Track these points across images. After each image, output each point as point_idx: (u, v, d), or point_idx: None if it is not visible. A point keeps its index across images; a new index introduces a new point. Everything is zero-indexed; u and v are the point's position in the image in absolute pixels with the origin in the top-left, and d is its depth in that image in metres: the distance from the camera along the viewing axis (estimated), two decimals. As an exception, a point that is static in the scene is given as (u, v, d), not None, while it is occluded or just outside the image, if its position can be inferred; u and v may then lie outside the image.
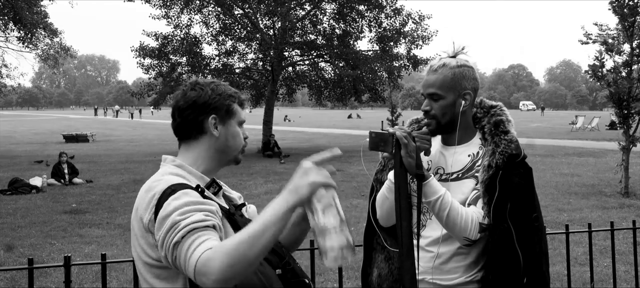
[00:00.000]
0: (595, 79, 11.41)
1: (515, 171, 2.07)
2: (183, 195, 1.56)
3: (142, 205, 1.62)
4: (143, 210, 1.61)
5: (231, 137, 1.80)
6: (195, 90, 1.77)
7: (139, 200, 1.66)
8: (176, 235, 1.48)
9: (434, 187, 2.04)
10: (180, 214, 1.51)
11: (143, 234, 1.62)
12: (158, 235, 1.53)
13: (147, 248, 1.62)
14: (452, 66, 2.13)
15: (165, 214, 1.53)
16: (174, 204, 1.53)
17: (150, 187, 1.64)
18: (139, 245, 1.65)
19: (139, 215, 1.63)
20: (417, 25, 22.78)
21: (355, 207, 10.07)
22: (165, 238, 1.50)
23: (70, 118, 71.43)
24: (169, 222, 1.50)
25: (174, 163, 1.76)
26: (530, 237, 2.07)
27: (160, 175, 1.71)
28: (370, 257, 2.37)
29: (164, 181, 1.64)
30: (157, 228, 1.54)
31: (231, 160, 1.85)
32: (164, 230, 1.51)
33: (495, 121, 2.17)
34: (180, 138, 1.81)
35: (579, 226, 8.00)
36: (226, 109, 1.78)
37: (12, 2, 22.48)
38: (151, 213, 1.58)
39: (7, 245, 7.56)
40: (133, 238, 1.69)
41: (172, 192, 1.57)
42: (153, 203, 1.58)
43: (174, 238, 1.48)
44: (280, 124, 44.62)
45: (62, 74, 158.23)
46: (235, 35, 23.74)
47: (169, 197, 1.56)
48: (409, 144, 1.99)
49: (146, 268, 1.64)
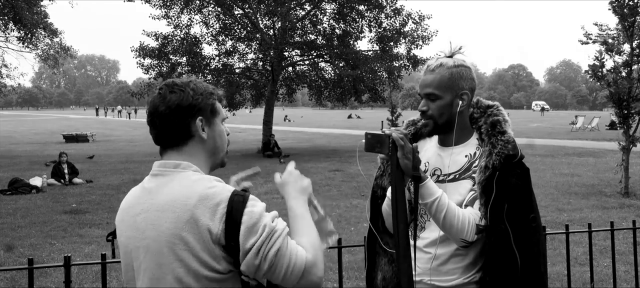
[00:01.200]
0: (595, 79, 11.41)
1: (513, 172, 2.06)
2: (255, 201, 1.55)
3: (205, 215, 1.50)
4: (209, 221, 1.49)
5: (218, 137, 1.72)
6: (175, 92, 1.63)
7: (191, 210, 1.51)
8: (277, 242, 1.51)
9: (430, 189, 2.03)
10: (271, 220, 1.54)
11: (207, 246, 1.50)
12: (248, 244, 1.49)
13: (211, 261, 1.51)
14: (449, 66, 2.12)
15: (254, 222, 1.50)
16: (258, 211, 1.53)
17: (207, 196, 1.52)
18: (195, 258, 1.51)
19: (202, 226, 1.50)
20: (417, 25, 22.77)
21: (355, 207, 10.07)
22: (263, 246, 1.49)
23: (70, 118, 71.45)
24: (265, 230, 1.50)
25: (193, 169, 1.63)
26: (527, 237, 2.06)
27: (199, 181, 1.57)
28: (374, 261, 2.37)
29: (219, 187, 1.55)
30: (247, 237, 1.49)
31: (218, 164, 1.75)
32: (262, 239, 1.49)
33: (492, 121, 2.16)
34: (165, 146, 1.67)
35: (579, 226, 8.00)
36: (211, 109, 1.68)
37: (12, 2, 22.48)
38: (222, 223, 1.49)
39: (7, 245, 7.57)
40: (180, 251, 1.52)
41: (245, 199, 1.52)
42: (222, 212, 1.50)
43: (275, 246, 1.50)
44: (280, 124, 44.63)
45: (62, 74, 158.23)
46: (235, 35, 23.74)
47: (246, 205, 1.51)
48: (405, 145, 1.98)
49: (201, 281, 1.53)
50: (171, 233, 1.53)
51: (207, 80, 22.80)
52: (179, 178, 1.60)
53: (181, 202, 1.53)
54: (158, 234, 1.55)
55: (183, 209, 1.52)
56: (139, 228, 1.61)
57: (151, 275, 1.57)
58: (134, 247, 1.63)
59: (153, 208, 1.59)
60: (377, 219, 2.35)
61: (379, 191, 2.35)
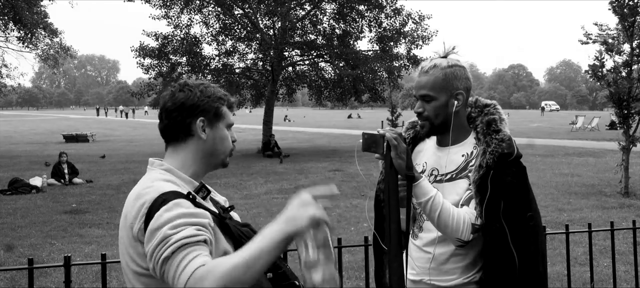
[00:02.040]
0: (595, 79, 11.41)
1: (508, 170, 2.05)
2: (175, 206, 1.52)
3: (131, 213, 1.58)
4: (132, 219, 1.57)
5: (219, 140, 1.76)
6: (184, 91, 1.72)
7: (128, 207, 1.62)
8: (166, 251, 1.44)
9: (424, 188, 2.03)
10: (171, 228, 1.47)
11: (132, 243, 1.58)
12: (148, 247, 1.49)
13: (136, 257, 1.58)
14: (443, 67, 2.12)
15: (156, 226, 1.48)
16: (166, 216, 1.49)
17: (140, 195, 1.60)
18: (127, 253, 1.62)
19: (128, 223, 1.59)
20: (417, 25, 22.78)
21: (355, 207, 10.07)
22: (155, 251, 1.47)
23: (70, 118, 71.46)
24: (159, 236, 1.46)
25: (162, 168, 1.71)
26: (525, 236, 2.06)
27: (150, 181, 1.65)
28: (381, 261, 2.37)
29: (154, 188, 1.59)
30: (147, 239, 1.50)
31: (218, 164, 1.80)
32: (154, 243, 1.47)
33: (488, 120, 2.16)
34: (168, 140, 1.76)
35: (579, 226, 8.00)
36: (214, 112, 1.74)
37: (12, 2, 22.49)
38: (141, 222, 1.54)
39: (7, 245, 7.57)
40: (121, 245, 1.65)
41: (163, 202, 1.52)
42: (143, 212, 1.55)
43: (163, 253, 1.45)
44: (280, 124, 44.63)
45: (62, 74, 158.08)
46: (235, 35, 23.74)
47: (160, 208, 1.51)
48: (399, 145, 1.99)
49: (135, 277, 1.61)
50: (121, 226, 1.66)
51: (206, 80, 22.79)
52: (145, 176, 1.72)
53: (128, 199, 1.65)
54: (120, 225, 1.69)
55: (126, 205, 1.64)
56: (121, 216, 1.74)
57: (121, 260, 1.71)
58: None
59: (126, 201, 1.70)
60: (381, 222, 2.36)
61: (382, 195, 2.36)
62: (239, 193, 11.85)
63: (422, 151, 2.32)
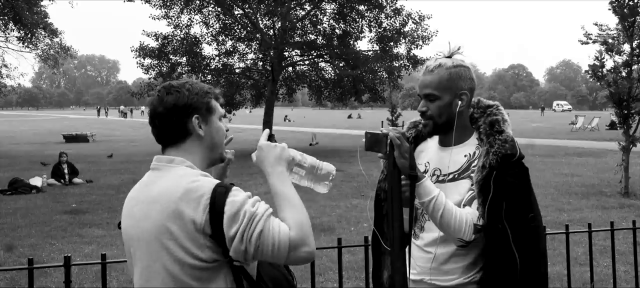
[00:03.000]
0: (595, 79, 11.41)
1: (510, 171, 2.06)
2: (237, 191, 1.62)
3: (190, 207, 1.59)
4: (193, 212, 1.59)
5: (216, 133, 1.81)
6: (172, 93, 1.74)
7: (177, 202, 1.61)
8: (258, 224, 1.57)
9: (427, 188, 2.03)
10: (252, 205, 1.59)
11: (192, 236, 1.60)
12: (231, 232, 1.57)
13: (196, 250, 1.60)
14: (448, 66, 2.13)
15: (236, 210, 1.57)
16: (240, 199, 1.59)
17: (191, 189, 1.62)
18: (179, 247, 1.61)
19: (186, 218, 1.59)
20: (417, 26, 22.78)
21: (355, 207, 10.06)
22: (246, 231, 1.56)
23: (71, 118, 71.46)
24: (246, 216, 1.57)
25: (185, 164, 1.73)
26: (526, 237, 2.06)
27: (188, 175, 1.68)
28: (379, 260, 2.38)
29: (203, 181, 1.64)
30: (229, 225, 1.57)
31: (217, 159, 1.85)
32: (244, 224, 1.56)
33: (491, 121, 2.17)
34: (166, 143, 1.78)
35: (579, 226, 7.99)
36: (206, 107, 1.77)
37: (12, 2, 22.49)
38: (205, 213, 1.58)
39: (7, 245, 7.57)
40: (166, 240, 1.62)
41: (227, 190, 1.60)
42: (205, 204, 1.59)
43: (257, 228, 1.56)
44: (280, 124, 44.63)
45: (62, 74, 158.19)
46: (235, 35, 23.74)
47: (228, 195, 1.59)
48: (402, 144, 1.99)
49: (186, 272, 1.62)
50: (159, 224, 1.63)
51: (207, 80, 22.80)
52: (171, 173, 1.70)
53: (168, 195, 1.64)
54: (148, 224, 1.66)
55: (169, 202, 1.63)
56: (134, 218, 1.72)
57: (143, 263, 1.69)
58: (130, 236, 1.75)
59: (147, 200, 1.70)
60: (381, 221, 2.37)
61: (382, 194, 2.37)
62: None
63: (424, 151, 2.32)
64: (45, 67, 32.27)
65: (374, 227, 2.36)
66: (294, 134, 33.71)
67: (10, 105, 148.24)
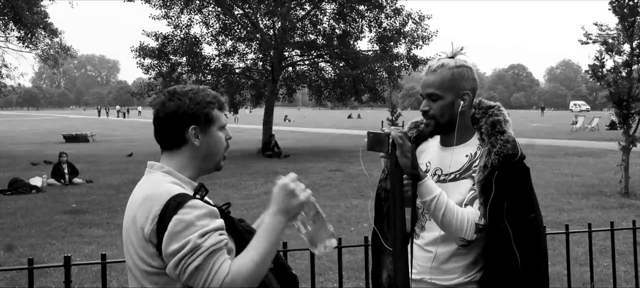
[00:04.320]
0: (595, 79, 11.41)
1: (512, 171, 2.07)
2: (192, 208, 1.58)
3: (142, 215, 1.62)
4: (143, 221, 1.61)
5: (213, 144, 1.80)
6: (174, 100, 1.75)
7: (136, 208, 1.66)
8: (197, 259, 1.54)
9: (429, 187, 2.04)
10: (199, 236, 1.55)
11: (142, 244, 1.63)
12: (169, 249, 1.56)
13: (147, 257, 1.63)
14: (450, 66, 2.14)
15: (180, 229, 1.55)
16: (188, 219, 1.56)
17: (149, 196, 1.64)
18: (136, 254, 1.66)
19: (138, 224, 1.63)
20: (417, 26, 22.75)
21: (355, 207, 10.06)
22: (184, 260, 1.55)
23: (71, 118, 71.46)
24: (189, 245, 1.54)
25: (162, 171, 1.75)
26: (528, 237, 2.06)
27: (155, 183, 1.69)
28: (379, 260, 2.38)
29: (163, 190, 1.64)
30: (168, 242, 1.56)
31: (212, 168, 1.84)
32: (183, 252, 1.54)
33: (492, 121, 2.18)
34: (162, 147, 1.81)
35: (579, 226, 7.99)
36: (205, 118, 1.77)
37: (12, 2, 22.49)
38: (153, 224, 1.59)
39: (7, 245, 7.57)
40: (128, 245, 1.70)
41: (179, 205, 1.58)
42: (155, 214, 1.59)
43: (194, 262, 1.54)
44: (280, 124, 44.63)
45: (62, 74, 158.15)
46: (235, 35, 23.73)
47: (177, 211, 1.57)
48: (404, 144, 2.00)
49: (144, 276, 1.66)
50: (126, 228, 1.71)
51: (207, 80, 22.82)
52: (146, 179, 1.76)
53: (134, 201, 1.70)
54: (125, 226, 1.74)
55: (132, 208, 1.69)
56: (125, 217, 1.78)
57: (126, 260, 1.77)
58: None
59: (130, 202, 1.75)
60: (381, 220, 2.37)
61: (383, 193, 2.38)
62: (239, 193, 11.85)
63: (425, 151, 2.33)
64: (45, 67, 32.28)
65: (374, 226, 2.36)
66: (295, 134, 33.72)
67: (10, 105, 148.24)
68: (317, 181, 13.15)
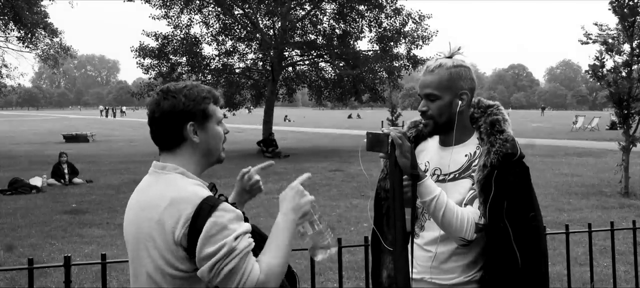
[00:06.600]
0: (596, 79, 11.40)
1: (511, 170, 2.07)
2: (225, 212, 1.60)
3: (171, 218, 1.61)
4: (173, 224, 1.60)
5: (212, 139, 1.80)
6: (168, 99, 1.73)
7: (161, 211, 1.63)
8: (232, 261, 1.57)
9: (429, 187, 2.04)
10: (234, 239, 1.58)
11: (170, 247, 1.61)
12: (204, 253, 1.57)
13: (175, 261, 1.62)
14: (448, 66, 2.14)
15: (215, 232, 1.57)
16: (223, 222, 1.58)
17: (176, 199, 1.63)
18: (160, 257, 1.63)
19: (167, 228, 1.61)
20: (417, 25, 22.76)
21: (355, 207, 10.06)
22: (219, 262, 1.56)
23: (71, 118, 71.44)
24: (225, 248, 1.56)
25: (177, 171, 1.73)
26: (528, 236, 2.06)
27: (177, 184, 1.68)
28: (379, 259, 2.38)
29: (190, 192, 1.64)
30: (203, 245, 1.57)
31: (214, 162, 1.85)
32: (219, 256, 1.56)
33: (492, 121, 2.18)
34: (161, 148, 1.79)
35: (579, 226, 7.99)
36: (202, 113, 1.76)
37: (12, 2, 22.49)
38: (185, 227, 1.59)
39: (7, 245, 7.56)
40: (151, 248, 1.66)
41: (212, 208, 1.59)
42: (187, 217, 1.59)
43: (230, 265, 1.57)
44: (280, 124, 44.62)
45: (62, 74, 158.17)
46: (235, 35, 23.73)
47: (211, 214, 1.58)
48: (403, 144, 2.00)
49: (167, 281, 1.65)
50: (145, 232, 1.67)
51: (207, 80, 22.80)
52: (161, 181, 1.72)
53: (155, 203, 1.66)
54: (137, 230, 1.70)
55: (155, 210, 1.65)
56: (129, 221, 1.77)
57: (133, 267, 1.75)
58: (126, 239, 1.80)
59: (138, 207, 1.73)
60: (380, 220, 2.37)
61: (382, 193, 2.38)
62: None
63: (424, 150, 2.33)
64: (45, 67, 32.29)
65: (374, 226, 2.36)
66: (295, 134, 33.72)
67: (10, 105, 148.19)
68: (317, 181, 13.14)
